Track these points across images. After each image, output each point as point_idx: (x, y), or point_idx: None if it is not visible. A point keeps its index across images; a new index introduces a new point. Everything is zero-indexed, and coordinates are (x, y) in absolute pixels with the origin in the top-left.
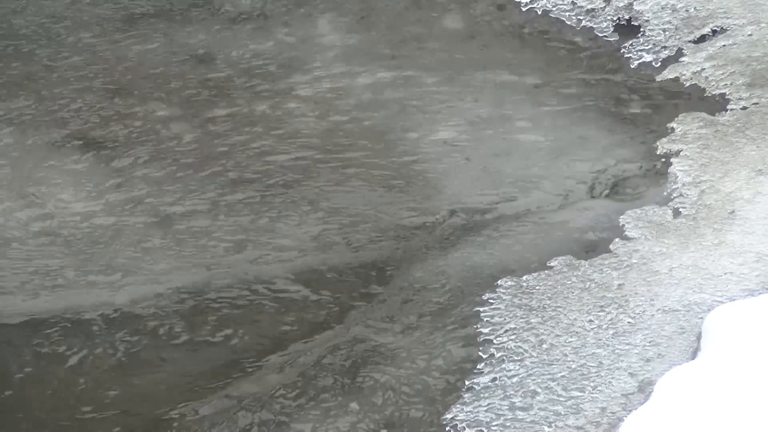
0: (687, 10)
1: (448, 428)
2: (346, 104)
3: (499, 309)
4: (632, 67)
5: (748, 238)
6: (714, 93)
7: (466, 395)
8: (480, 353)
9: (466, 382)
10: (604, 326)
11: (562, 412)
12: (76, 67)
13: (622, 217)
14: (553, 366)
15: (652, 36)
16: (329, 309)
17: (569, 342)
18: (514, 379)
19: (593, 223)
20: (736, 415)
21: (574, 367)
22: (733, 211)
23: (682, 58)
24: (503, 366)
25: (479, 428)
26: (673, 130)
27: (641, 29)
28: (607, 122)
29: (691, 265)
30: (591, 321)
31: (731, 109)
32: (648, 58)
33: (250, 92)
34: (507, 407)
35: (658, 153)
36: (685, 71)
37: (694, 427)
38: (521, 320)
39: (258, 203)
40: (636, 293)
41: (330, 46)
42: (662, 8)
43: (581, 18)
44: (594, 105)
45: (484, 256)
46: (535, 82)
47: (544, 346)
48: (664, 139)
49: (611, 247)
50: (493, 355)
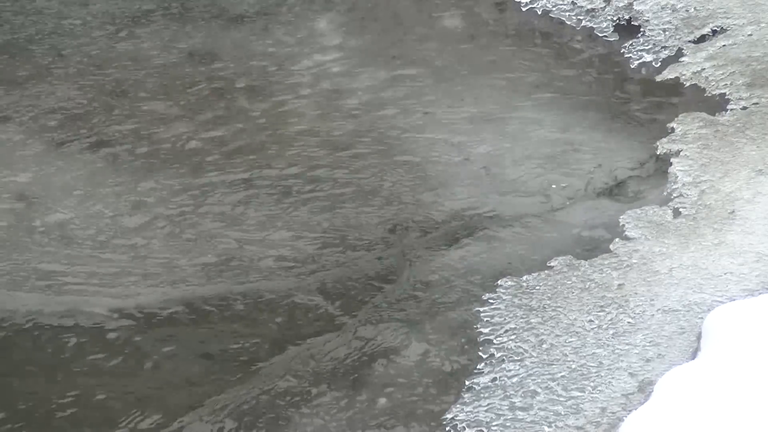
0: (687, 10)
1: (448, 428)
2: (346, 104)
3: (499, 309)
4: (632, 67)
5: (748, 238)
6: (714, 93)
7: (466, 395)
8: (480, 353)
9: (466, 382)
10: (604, 326)
11: (562, 412)
12: (77, 67)
13: (622, 217)
14: (553, 366)
15: (652, 36)
16: (329, 309)
17: (569, 342)
18: (514, 379)
19: (593, 223)
20: (736, 415)
21: (574, 367)
22: (733, 211)
23: (682, 58)
24: (503, 366)
25: (479, 428)
26: (673, 130)
27: (641, 29)
28: (607, 122)
29: (691, 265)
30: (591, 321)
31: (731, 109)
32: (648, 58)
33: (250, 92)
34: (507, 407)
35: (658, 153)
36: (685, 71)
37: (694, 427)
38: (521, 320)
39: (258, 202)
40: (636, 293)
41: (330, 46)
42: (662, 8)
43: (581, 18)
44: (594, 105)
45: (484, 256)
46: (534, 82)
47: (544, 346)
48: (664, 139)
49: (611, 247)
50: (493, 355)
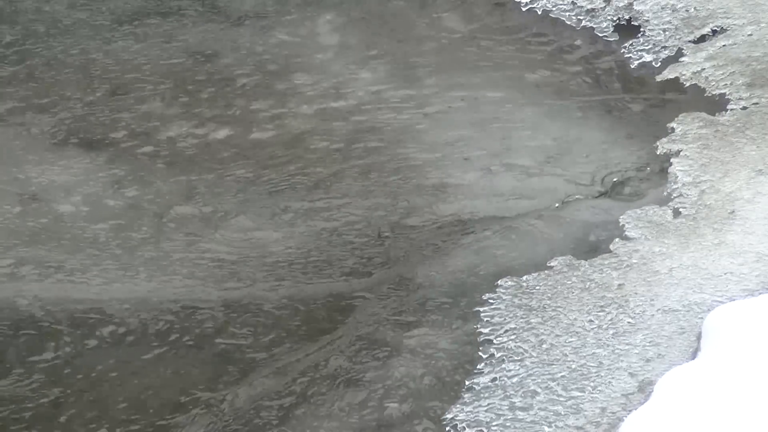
0: (687, 10)
1: (448, 428)
2: (346, 104)
3: (499, 309)
4: (632, 67)
5: (748, 238)
6: (714, 93)
7: (466, 395)
8: (480, 353)
9: (466, 382)
10: (604, 326)
11: (562, 412)
12: (77, 66)
13: (622, 217)
14: (553, 366)
15: (652, 36)
16: (329, 308)
17: (569, 342)
18: (514, 379)
19: (593, 223)
20: (736, 415)
21: (574, 367)
22: (733, 211)
23: (682, 58)
24: (503, 366)
25: (479, 428)
26: (673, 130)
27: (641, 29)
28: (607, 122)
29: (691, 265)
30: (591, 321)
31: (731, 109)
32: (648, 58)
33: (250, 92)
34: (507, 407)
35: (658, 153)
36: (685, 71)
37: (694, 427)
38: (521, 320)
39: (258, 202)
40: (636, 293)
41: (330, 46)
42: (662, 8)
43: (581, 18)
44: (594, 105)
45: (484, 256)
46: (534, 82)
47: (544, 346)
48: (664, 139)
49: (611, 247)
50: (493, 355)
